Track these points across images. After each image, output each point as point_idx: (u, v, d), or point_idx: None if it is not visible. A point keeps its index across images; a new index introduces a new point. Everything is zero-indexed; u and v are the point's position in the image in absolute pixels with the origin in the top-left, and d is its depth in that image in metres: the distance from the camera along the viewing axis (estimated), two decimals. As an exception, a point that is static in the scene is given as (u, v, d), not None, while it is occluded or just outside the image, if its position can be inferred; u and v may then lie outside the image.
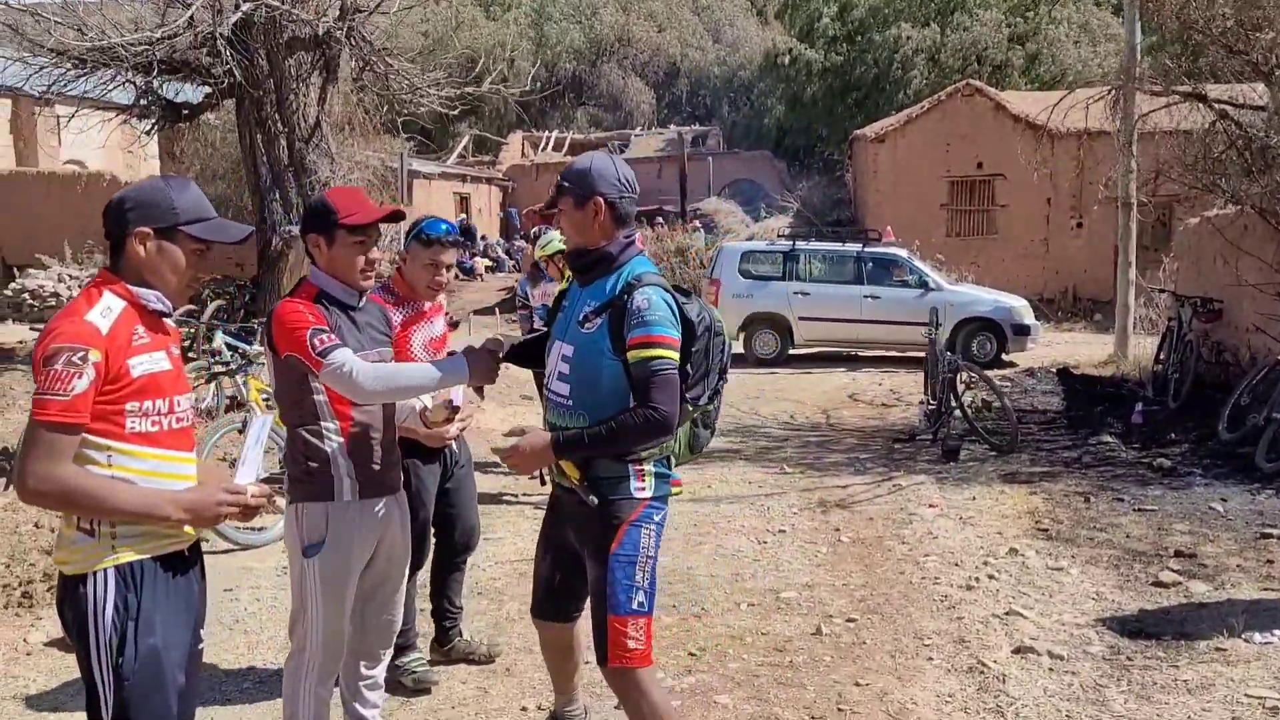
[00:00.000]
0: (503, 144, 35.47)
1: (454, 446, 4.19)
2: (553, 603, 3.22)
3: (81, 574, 2.31)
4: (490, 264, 27.61)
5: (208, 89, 12.31)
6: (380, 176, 17.52)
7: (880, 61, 30.49)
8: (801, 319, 14.48)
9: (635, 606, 2.90)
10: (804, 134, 35.28)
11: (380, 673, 3.36)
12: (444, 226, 4.08)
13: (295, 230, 11.44)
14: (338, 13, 11.85)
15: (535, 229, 22.55)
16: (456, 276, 19.73)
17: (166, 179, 2.46)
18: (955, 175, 20.83)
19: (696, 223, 21.53)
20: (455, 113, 13.82)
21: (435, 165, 30.61)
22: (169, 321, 2.53)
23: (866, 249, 14.75)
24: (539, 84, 41.17)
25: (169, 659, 2.35)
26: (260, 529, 6.10)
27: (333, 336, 2.91)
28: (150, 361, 2.36)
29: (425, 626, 4.44)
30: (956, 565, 5.59)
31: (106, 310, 2.32)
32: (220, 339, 10.00)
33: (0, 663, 4.40)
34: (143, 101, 12.14)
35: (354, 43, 12.01)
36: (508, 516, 6.86)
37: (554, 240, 7.35)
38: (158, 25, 11.56)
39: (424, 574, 4.36)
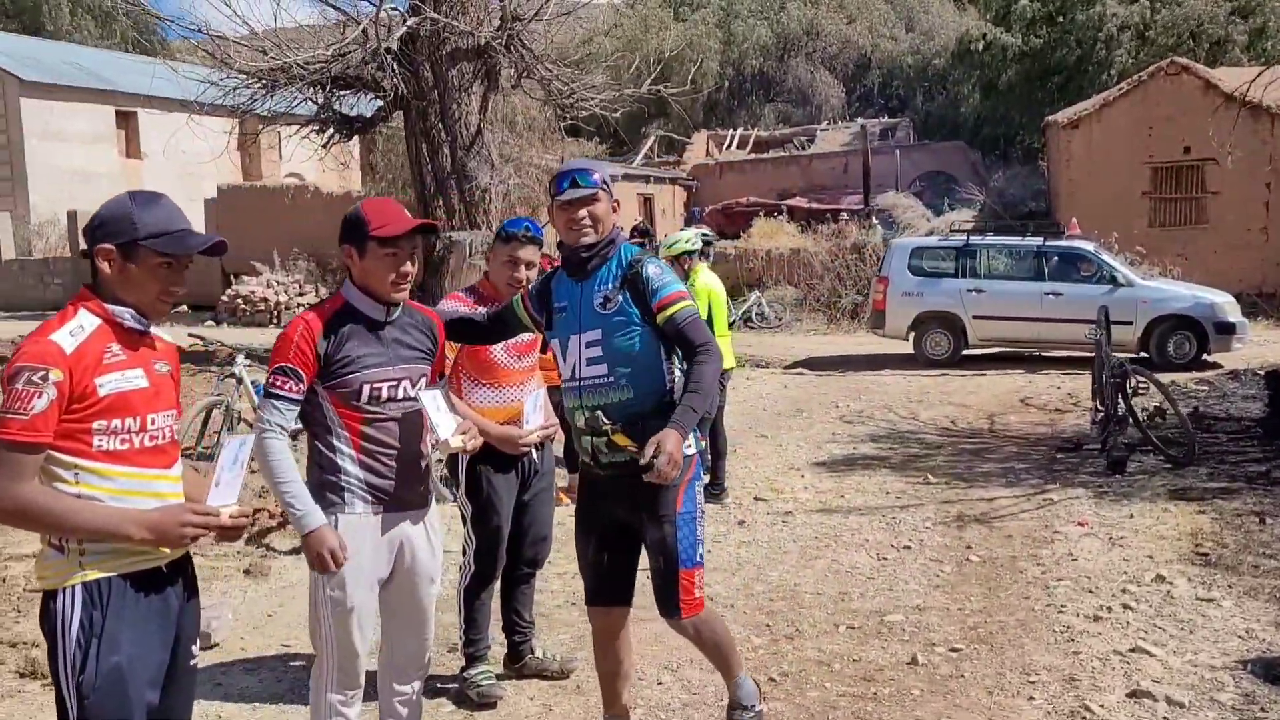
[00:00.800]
0: (687, 144, 35.51)
1: (534, 456, 4.12)
2: (609, 585, 3.40)
3: (53, 589, 2.34)
4: (672, 263, 27.67)
5: (380, 102, 12.83)
6: (541, 180, 17.77)
7: (1084, 42, 28.66)
8: (976, 318, 13.73)
9: (699, 559, 3.25)
10: (1002, 123, 33.66)
11: (415, 691, 3.29)
12: (524, 224, 4.05)
13: (455, 236, 11.76)
14: (497, 23, 12.11)
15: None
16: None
17: (134, 195, 2.45)
18: (1159, 161, 19.25)
19: (873, 219, 20.82)
20: (615, 114, 13.84)
21: (619, 167, 30.96)
22: (163, 335, 2.55)
23: (1048, 243, 13.84)
24: (725, 82, 41.16)
25: (135, 677, 2.35)
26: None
27: (292, 385, 2.92)
28: (122, 380, 2.36)
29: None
30: (1090, 592, 5.09)
31: (78, 329, 2.34)
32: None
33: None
34: (322, 116, 12.78)
35: (513, 51, 12.24)
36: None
37: (681, 240, 7.21)
38: (330, 44, 12.14)
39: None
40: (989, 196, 22.66)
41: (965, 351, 13.99)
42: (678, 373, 3.24)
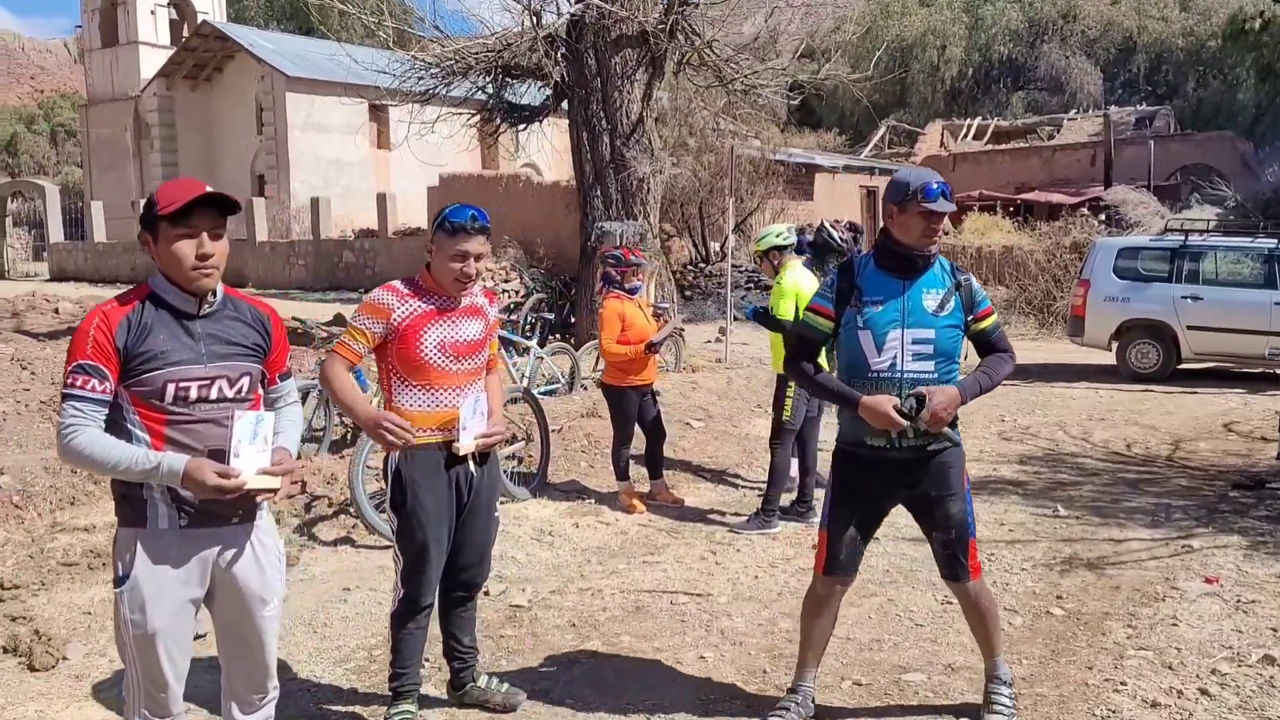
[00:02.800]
0: (920, 134, 33.95)
1: (471, 467, 3.74)
2: (854, 560, 3.70)
3: None
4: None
5: (548, 91, 12.82)
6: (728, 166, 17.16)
7: (1386, 17, 25.07)
8: (1190, 328, 12.16)
9: (977, 531, 3.71)
10: (1282, 110, 30.18)
11: (260, 718, 3.04)
12: (469, 213, 3.62)
13: (607, 226, 11.56)
14: (663, 9, 11.80)
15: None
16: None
17: None
18: None
19: (1085, 214, 18.95)
20: (793, 102, 13.23)
21: (841, 158, 29.96)
22: None
23: (1283, 245, 12.08)
24: (970, 69, 38.98)
25: None
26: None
27: (95, 383, 2.65)
28: None
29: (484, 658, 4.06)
30: (1169, 668, 4.21)
31: None
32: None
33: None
34: (490, 104, 12.92)
35: (680, 37, 11.89)
36: (693, 539, 6.30)
37: (771, 234, 6.71)
38: (495, 34, 12.23)
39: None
40: (1245, 193, 20.15)
41: (1179, 366, 12.44)
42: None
